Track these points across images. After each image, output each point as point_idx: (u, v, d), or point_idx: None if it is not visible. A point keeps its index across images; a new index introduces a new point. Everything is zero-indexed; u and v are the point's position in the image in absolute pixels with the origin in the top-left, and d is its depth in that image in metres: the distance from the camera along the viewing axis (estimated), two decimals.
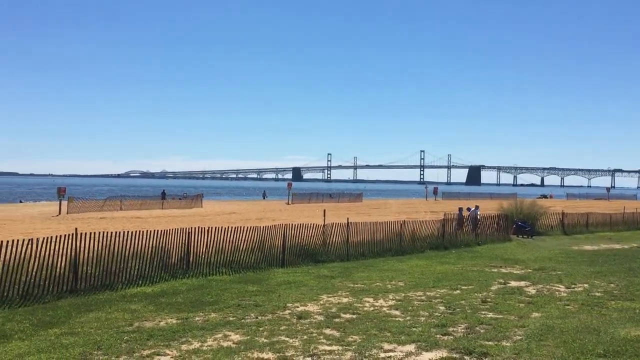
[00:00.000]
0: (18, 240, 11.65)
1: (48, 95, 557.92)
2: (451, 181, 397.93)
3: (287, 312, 10.46)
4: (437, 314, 10.40)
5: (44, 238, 12.03)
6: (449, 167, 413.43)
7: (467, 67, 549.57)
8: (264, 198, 80.00)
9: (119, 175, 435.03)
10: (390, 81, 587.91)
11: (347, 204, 65.62)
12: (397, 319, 9.98)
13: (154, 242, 14.15)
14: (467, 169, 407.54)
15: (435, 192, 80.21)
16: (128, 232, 13.84)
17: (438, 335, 8.79)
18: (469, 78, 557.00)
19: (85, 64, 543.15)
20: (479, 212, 26.01)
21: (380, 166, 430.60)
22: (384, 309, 10.83)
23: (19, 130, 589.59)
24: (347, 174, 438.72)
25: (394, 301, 11.56)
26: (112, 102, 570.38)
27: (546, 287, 13.52)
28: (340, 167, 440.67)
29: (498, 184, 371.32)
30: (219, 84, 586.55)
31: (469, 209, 26.86)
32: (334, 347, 8.13)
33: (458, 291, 12.80)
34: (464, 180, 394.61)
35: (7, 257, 11.28)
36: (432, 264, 17.59)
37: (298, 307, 10.91)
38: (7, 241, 11.50)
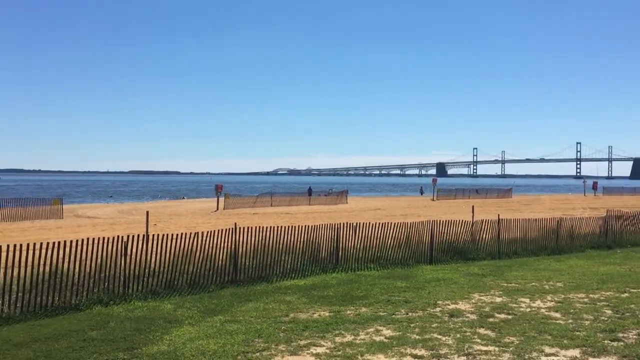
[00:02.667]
0: (185, 234, 12.70)
1: (204, 98, 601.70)
2: (612, 175, 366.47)
3: (438, 309, 10.29)
4: (603, 318, 9.62)
5: (207, 232, 12.99)
6: (609, 160, 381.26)
7: (624, 54, 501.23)
8: (422, 194, 79.32)
9: (267, 173, 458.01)
10: (538, 71, 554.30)
11: (495, 199, 63.07)
12: (557, 321, 9.38)
13: (305, 237, 14.66)
14: (632, 162, 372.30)
15: (594, 187, 74.27)
16: (281, 227, 14.48)
17: (606, 341, 8.13)
18: (628, 65, 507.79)
19: (232, 66, 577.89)
20: None
21: (530, 160, 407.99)
22: (542, 310, 10.24)
23: (181, 132, 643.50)
24: (494, 169, 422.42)
25: (552, 303, 10.89)
26: (260, 102, 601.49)
27: None
28: (487, 161, 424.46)
29: None
30: (359, 80, 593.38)
31: None
32: (490, 348, 7.85)
33: (626, 294, 11.73)
34: (627, 174, 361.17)
35: (176, 249, 12.35)
36: (594, 264, 16.30)
37: (449, 304, 10.68)
38: (176, 234, 12.59)
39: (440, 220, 17.56)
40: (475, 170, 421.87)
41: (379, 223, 16.40)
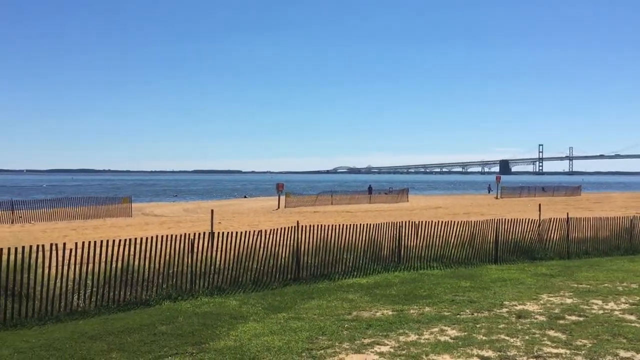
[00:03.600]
0: (248, 232, 12.91)
1: (267, 98, 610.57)
2: None
3: (505, 310, 10.04)
4: None
5: (270, 230, 13.16)
6: None
7: None
8: (489, 192, 77.72)
9: (327, 172, 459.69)
10: (608, 62, 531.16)
11: (563, 197, 60.94)
12: (633, 324, 8.97)
13: (366, 235, 14.62)
14: None
15: None
16: (342, 225, 14.50)
17: None
18: None
19: (291, 66, 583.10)
20: None
21: (600, 156, 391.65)
22: (616, 312, 9.82)
23: (243, 131, 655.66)
24: (562, 166, 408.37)
25: (627, 305, 10.41)
26: (320, 102, 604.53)
27: None
28: (554, 158, 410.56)
29: None
30: (420, 78, 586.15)
31: None
32: (561, 350, 7.60)
33: None
34: None
35: (240, 247, 12.58)
36: None
37: (516, 305, 10.40)
38: (240, 232, 12.82)
39: (505, 219, 17.12)
40: (541, 168, 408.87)
41: (441, 222, 16.16)
